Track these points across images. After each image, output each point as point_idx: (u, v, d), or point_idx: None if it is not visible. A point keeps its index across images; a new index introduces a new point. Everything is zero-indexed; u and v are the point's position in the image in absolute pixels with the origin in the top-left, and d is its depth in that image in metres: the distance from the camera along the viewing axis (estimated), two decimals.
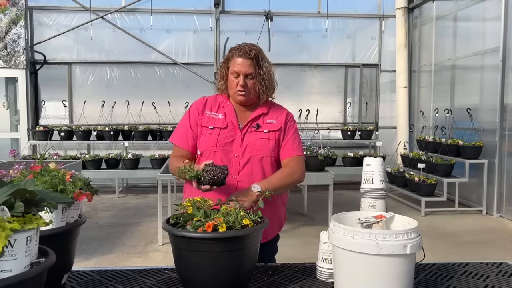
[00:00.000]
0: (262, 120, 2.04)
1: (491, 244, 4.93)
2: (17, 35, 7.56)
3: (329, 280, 1.52)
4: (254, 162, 1.98)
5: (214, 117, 2.03)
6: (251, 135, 2.00)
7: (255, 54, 1.95)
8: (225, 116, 2.02)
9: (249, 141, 1.99)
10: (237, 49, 1.97)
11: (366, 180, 1.72)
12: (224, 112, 2.03)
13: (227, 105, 2.06)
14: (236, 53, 1.96)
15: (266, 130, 2.02)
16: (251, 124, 2.02)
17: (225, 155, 1.97)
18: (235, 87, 1.97)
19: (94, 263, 4.25)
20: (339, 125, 8.72)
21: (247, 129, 2.01)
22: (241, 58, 1.94)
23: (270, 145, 2.01)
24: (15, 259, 0.94)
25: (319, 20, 8.53)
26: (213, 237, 1.30)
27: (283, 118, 2.08)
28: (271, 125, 2.04)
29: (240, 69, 1.94)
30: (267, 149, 2.01)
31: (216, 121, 2.01)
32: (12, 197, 1.00)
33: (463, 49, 7.12)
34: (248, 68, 1.94)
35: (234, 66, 1.95)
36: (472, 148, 6.22)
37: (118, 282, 1.51)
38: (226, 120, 2.01)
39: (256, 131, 2.01)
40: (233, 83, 1.98)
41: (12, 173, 1.55)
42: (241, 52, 1.94)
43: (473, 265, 1.69)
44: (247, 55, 1.93)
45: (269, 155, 2.01)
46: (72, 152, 7.43)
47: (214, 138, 1.98)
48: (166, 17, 8.25)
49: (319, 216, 6.05)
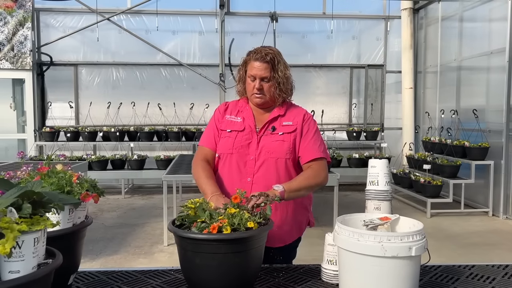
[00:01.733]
0: (279, 122, 2.04)
1: (497, 246, 4.90)
2: (24, 37, 7.61)
3: (334, 282, 1.52)
4: (268, 165, 1.97)
5: (233, 120, 2.06)
6: (266, 137, 2.01)
7: (271, 58, 1.96)
8: (243, 120, 2.04)
9: (264, 144, 2.00)
10: (254, 52, 1.99)
11: (371, 181, 1.72)
12: (242, 116, 2.06)
13: (246, 108, 2.08)
14: (253, 57, 1.98)
15: (281, 132, 2.01)
16: (268, 127, 2.02)
17: (241, 158, 1.98)
18: (252, 90, 2.00)
19: (100, 264, 4.27)
20: (344, 126, 8.71)
21: (264, 131, 2.02)
22: (258, 61, 1.96)
23: (285, 147, 2.00)
24: (23, 260, 0.95)
25: (324, 21, 8.53)
26: (219, 238, 1.31)
27: (300, 119, 2.06)
28: (287, 127, 2.03)
29: (256, 73, 1.96)
30: (281, 151, 1.99)
31: (234, 124, 2.04)
32: (20, 198, 1.01)
33: (469, 50, 7.08)
34: (263, 72, 1.96)
35: (251, 70, 1.98)
36: (478, 149, 6.19)
37: (124, 283, 1.52)
38: (244, 123, 2.03)
39: (272, 133, 2.01)
40: (250, 86, 2.01)
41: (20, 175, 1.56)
42: (258, 55, 1.96)
43: (479, 267, 1.68)
44: (263, 59, 1.95)
45: (284, 157, 1.99)
46: (78, 153, 7.48)
47: (231, 141, 2.01)
48: (172, 19, 8.28)
49: (324, 217, 6.03)
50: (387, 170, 1.73)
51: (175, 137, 7.58)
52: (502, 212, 6.10)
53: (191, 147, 8.15)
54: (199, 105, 8.14)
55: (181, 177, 5.07)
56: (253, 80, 1.99)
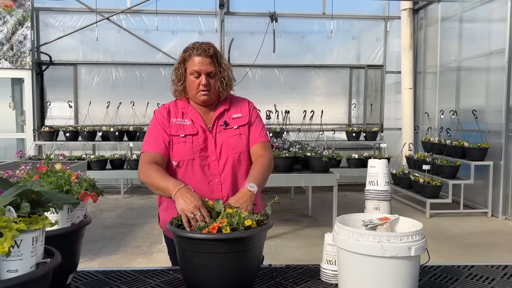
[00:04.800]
0: (227, 116, 1.98)
1: (496, 247, 4.90)
2: (23, 36, 7.61)
3: (333, 282, 1.51)
4: (233, 161, 1.93)
5: (182, 123, 1.94)
6: (222, 134, 1.94)
7: (214, 51, 1.89)
8: (192, 121, 1.94)
9: (222, 141, 1.93)
10: (194, 47, 1.89)
11: (371, 182, 1.72)
12: (190, 118, 1.95)
13: (190, 109, 1.97)
14: (195, 52, 1.88)
15: (236, 126, 1.96)
16: (218, 123, 1.96)
17: (203, 161, 1.91)
18: (197, 88, 1.90)
19: (99, 264, 4.27)
20: (343, 126, 8.71)
21: (216, 129, 1.95)
22: (200, 56, 1.87)
23: (244, 140, 1.96)
24: (21, 259, 0.95)
25: (324, 21, 8.53)
26: (218, 238, 1.31)
27: (247, 109, 2.03)
28: (238, 119, 1.98)
29: (201, 68, 1.87)
30: (242, 145, 1.95)
31: (185, 128, 1.93)
32: (19, 197, 1.01)
33: (468, 51, 7.09)
34: (208, 67, 1.87)
35: (194, 66, 1.87)
36: (477, 150, 6.19)
37: (123, 282, 1.51)
38: (195, 125, 1.93)
39: (226, 129, 1.95)
40: (194, 83, 1.90)
41: (19, 174, 1.56)
42: (199, 50, 1.87)
43: (478, 267, 1.68)
44: (206, 53, 1.87)
45: (246, 150, 1.96)
46: (77, 152, 7.46)
47: (188, 146, 1.90)
48: (171, 18, 8.28)
49: (323, 217, 6.04)
50: (387, 170, 1.73)
51: None
52: (501, 212, 6.10)
53: None
54: None
55: None
56: (197, 76, 1.88)
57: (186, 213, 1.50)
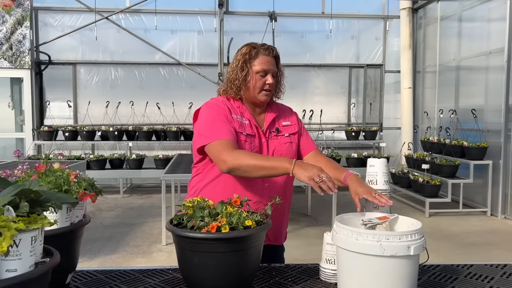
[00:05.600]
0: (278, 123, 1.96)
1: (495, 246, 4.90)
2: (23, 36, 7.60)
3: (333, 281, 1.51)
4: None
5: (241, 122, 1.86)
6: (273, 140, 1.92)
7: (276, 53, 1.89)
8: (249, 122, 1.89)
9: (274, 147, 1.90)
10: (262, 47, 1.87)
11: (370, 181, 1.72)
12: (247, 118, 1.90)
13: (245, 109, 1.91)
14: (263, 51, 1.86)
15: (287, 134, 1.95)
16: (270, 129, 1.92)
17: None
18: (261, 87, 1.86)
19: (98, 263, 4.26)
20: (343, 125, 8.71)
21: (268, 134, 1.91)
22: (268, 56, 1.86)
23: (294, 148, 1.95)
24: (20, 259, 0.95)
25: (323, 20, 8.53)
26: (217, 237, 1.31)
27: (295, 119, 2.03)
28: (289, 127, 1.97)
29: (269, 67, 1.85)
30: (292, 153, 1.94)
31: (245, 127, 1.86)
32: (17, 197, 1.01)
33: (467, 50, 7.09)
34: (274, 67, 1.87)
35: (262, 64, 1.84)
36: (476, 149, 6.20)
37: (122, 282, 1.51)
38: (252, 126, 1.89)
39: (277, 135, 1.93)
40: (259, 82, 1.85)
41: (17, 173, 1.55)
42: (267, 50, 1.86)
43: (477, 266, 1.68)
44: (273, 54, 1.87)
45: (294, 157, 1.92)
46: (76, 152, 7.47)
47: (248, 147, 1.84)
48: (170, 18, 8.27)
49: (322, 217, 6.04)
50: (386, 169, 1.73)
51: (174, 137, 7.58)
52: (501, 212, 6.11)
53: (190, 147, 8.15)
54: (197, 105, 7.99)
55: (179, 176, 5.07)
56: (263, 75, 1.85)
57: (314, 178, 1.54)
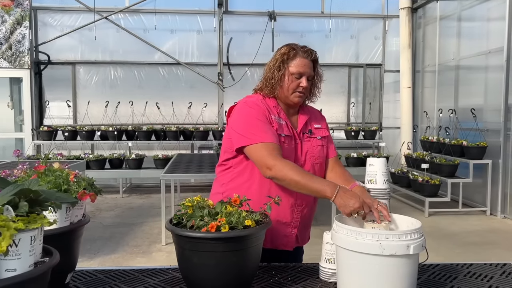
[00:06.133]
0: (310, 125, 1.96)
1: (495, 245, 4.91)
2: (22, 36, 7.60)
3: (332, 280, 1.52)
4: (316, 170, 1.90)
5: (280, 123, 1.86)
6: (307, 142, 1.92)
7: (315, 56, 1.89)
8: (286, 123, 1.88)
9: (307, 149, 1.90)
10: (301, 49, 1.86)
11: (370, 180, 1.72)
12: (284, 119, 1.89)
13: (280, 110, 1.90)
14: (302, 54, 1.85)
15: (319, 137, 1.95)
16: (304, 131, 1.93)
17: None
18: (295, 88, 1.85)
19: (98, 263, 4.26)
20: (342, 125, 8.72)
21: (301, 136, 1.92)
22: (307, 59, 1.86)
23: (325, 151, 1.96)
24: (20, 259, 0.95)
25: (322, 20, 8.53)
26: (216, 237, 1.31)
27: (325, 122, 2.05)
28: (320, 130, 1.98)
29: (306, 70, 1.85)
30: (323, 156, 1.95)
31: (283, 128, 1.85)
32: (17, 196, 1.01)
33: (467, 49, 7.09)
34: (310, 70, 1.87)
35: (299, 67, 1.84)
36: (476, 149, 6.20)
37: (122, 281, 1.51)
38: (288, 127, 1.88)
39: (310, 137, 1.93)
40: (293, 83, 1.85)
41: (16, 173, 1.55)
42: (306, 53, 1.86)
43: (477, 265, 1.68)
44: (311, 57, 1.87)
45: (324, 161, 1.95)
46: (76, 152, 7.47)
47: (286, 148, 1.83)
48: (170, 18, 8.27)
49: (322, 216, 6.03)
50: (385, 169, 1.73)
51: (173, 136, 7.58)
52: (500, 211, 6.11)
53: (189, 146, 8.15)
54: (197, 104, 8.14)
55: (179, 176, 5.07)
56: (298, 77, 1.85)
57: (353, 213, 1.52)
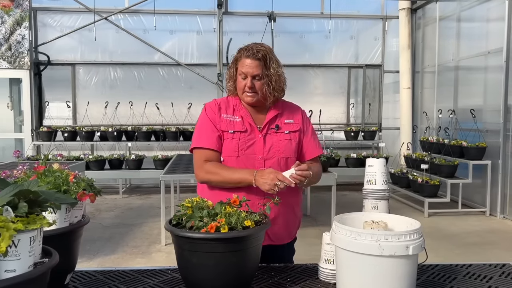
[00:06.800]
0: (279, 120, 2.00)
1: (494, 246, 4.91)
2: (21, 36, 7.60)
3: (332, 281, 1.52)
4: (280, 164, 1.94)
5: (232, 120, 1.97)
6: (272, 136, 1.97)
7: (263, 54, 1.91)
8: (242, 119, 1.97)
9: (272, 143, 1.96)
10: (245, 49, 1.93)
11: (369, 181, 1.72)
12: (240, 115, 1.98)
13: (241, 107, 2.00)
14: (244, 54, 1.92)
15: (287, 131, 1.99)
16: (270, 126, 1.98)
17: (248, 159, 1.93)
18: (243, 88, 1.94)
19: (98, 264, 4.26)
20: (342, 126, 8.72)
21: (267, 130, 1.97)
22: (249, 58, 1.90)
23: (293, 145, 1.99)
24: (19, 259, 0.95)
25: (322, 20, 8.53)
26: (216, 237, 1.31)
27: (300, 117, 2.06)
28: (290, 125, 2.01)
29: (247, 70, 1.91)
30: (290, 150, 1.98)
31: (234, 124, 1.96)
32: (16, 197, 1.01)
33: (466, 50, 7.10)
34: (255, 69, 1.90)
35: (242, 67, 1.92)
36: (475, 149, 6.20)
37: (121, 282, 1.51)
38: (244, 123, 1.96)
39: (277, 132, 1.98)
40: (241, 84, 1.95)
41: (16, 174, 1.55)
42: (249, 52, 1.91)
43: (476, 266, 1.69)
44: (255, 56, 1.90)
45: (294, 155, 1.98)
46: (75, 152, 7.47)
47: (235, 143, 1.93)
48: (170, 18, 8.27)
49: (321, 217, 6.04)
50: (385, 169, 1.73)
51: (173, 137, 7.57)
52: (500, 211, 6.11)
53: (189, 147, 8.13)
54: (197, 105, 8.12)
55: (178, 176, 5.07)
56: (244, 78, 1.93)
57: (272, 188, 1.74)
